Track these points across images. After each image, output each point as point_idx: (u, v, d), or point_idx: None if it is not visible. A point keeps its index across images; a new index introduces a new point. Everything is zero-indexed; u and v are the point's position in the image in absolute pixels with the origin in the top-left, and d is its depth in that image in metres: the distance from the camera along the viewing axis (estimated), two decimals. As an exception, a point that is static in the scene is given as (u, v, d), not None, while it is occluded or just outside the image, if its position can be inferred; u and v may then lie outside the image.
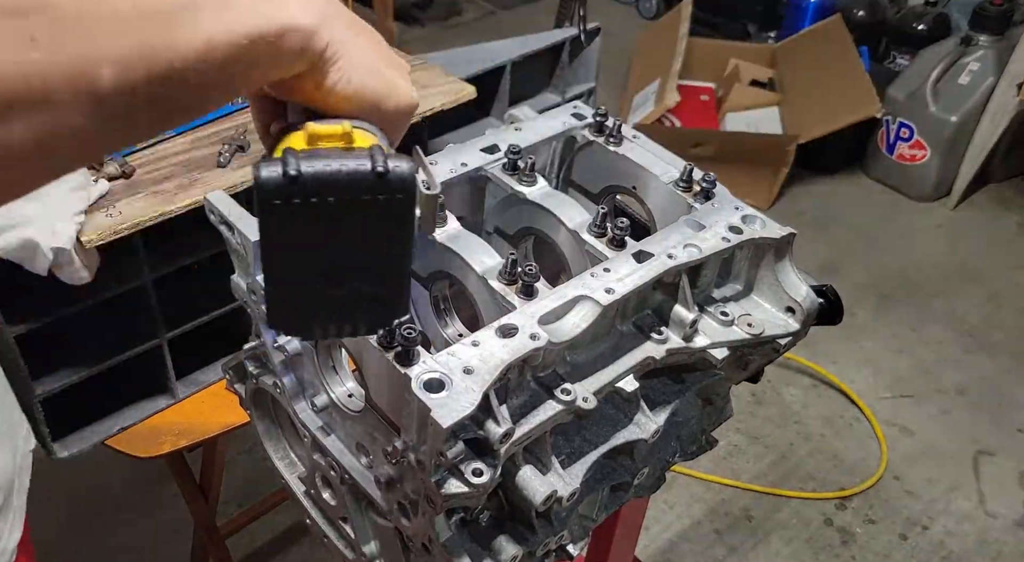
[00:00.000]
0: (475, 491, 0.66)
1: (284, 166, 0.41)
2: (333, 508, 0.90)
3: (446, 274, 0.83)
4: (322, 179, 0.41)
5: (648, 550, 1.99)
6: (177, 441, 1.29)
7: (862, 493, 2.15)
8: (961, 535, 2.06)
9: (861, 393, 2.40)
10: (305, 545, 1.92)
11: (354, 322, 0.50)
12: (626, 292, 0.73)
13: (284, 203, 0.42)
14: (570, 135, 0.94)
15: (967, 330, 2.64)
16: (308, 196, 0.42)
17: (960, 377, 2.48)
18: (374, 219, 0.44)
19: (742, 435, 2.27)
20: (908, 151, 3.12)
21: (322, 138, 0.43)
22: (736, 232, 0.81)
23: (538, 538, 0.76)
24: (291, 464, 0.98)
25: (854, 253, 2.91)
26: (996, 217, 3.15)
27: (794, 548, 2.02)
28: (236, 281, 0.83)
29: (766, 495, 2.13)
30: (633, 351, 0.77)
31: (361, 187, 0.42)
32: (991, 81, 2.93)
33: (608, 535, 1.11)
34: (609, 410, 0.81)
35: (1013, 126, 2.95)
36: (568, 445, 0.78)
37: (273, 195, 0.41)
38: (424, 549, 0.74)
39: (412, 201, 0.44)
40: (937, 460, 2.24)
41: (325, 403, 0.82)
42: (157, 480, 1.89)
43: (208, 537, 1.61)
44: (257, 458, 2.00)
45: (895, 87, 3.10)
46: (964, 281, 2.83)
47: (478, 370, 0.64)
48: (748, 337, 0.82)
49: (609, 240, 0.81)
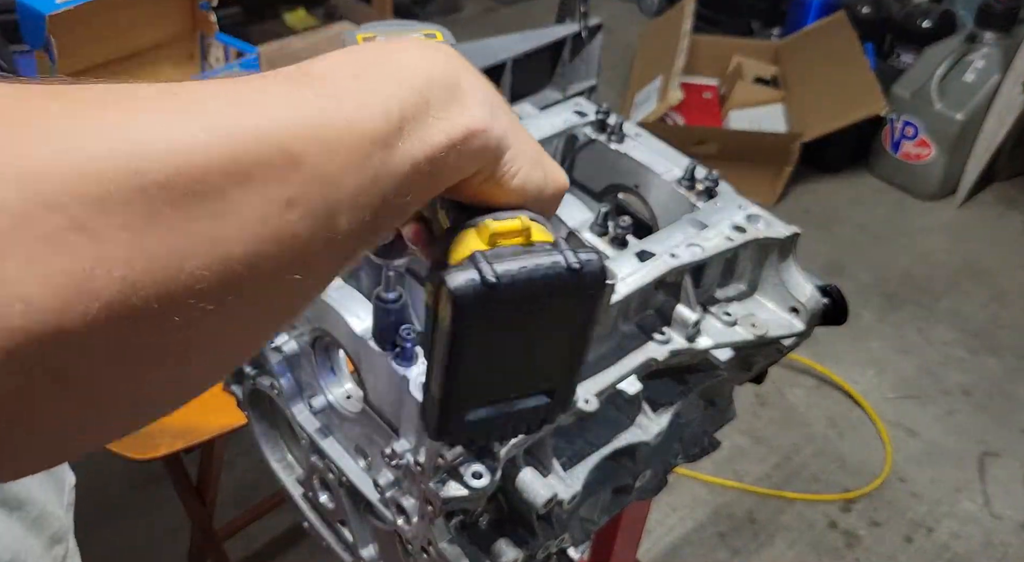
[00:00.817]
0: (475, 494, 0.65)
1: (480, 273, 0.38)
2: (331, 511, 0.89)
3: (445, 273, 0.82)
4: (518, 282, 0.39)
5: (650, 553, 1.98)
6: (174, 443, 1.28)
7: (867, 495, 2.13)
8: (966, 537, 2.05)
9: (866, 394, 2.38)
10: (303, 548, 1.91)
11: (522, 423, 0.47)
12: (628, 292, 0.72)
13: (480, 311, 0.39)
14: (572, 133, 0.92)
15: (973, 330, 2.63)
16: (503, 301, 0.39)
17: (965, 377, 2.47)
18: (561, 316, 0.42)
19: (745, 436, 2.26)
20: (913, 149, 3.11)
21: (502, 235, 0.41)
22: (740, 231, 0.80)
23: (539, 541, 0.75)
24: (289, 466, 0.97)
25: (859, 252, 2.90)
26: (1002, 216, 3.13)
27: (798, 550, 2.01)
28: (232, 281, 0.82)
29: (770, 497, 2.12)
30: (635, 352, 0.76)
31: (554, 285, 0.40)
32: (997, 79, 2.92)
33: (610, 538, 1.11)
34: (611, 412, 0.80)
35: (1019, 124, 2.94)
36: (569, 447, 0.78)
37: (470, 305, 0.39)
38: (423, 552, 0.74)
39: (602, 295, 0.42)
40: (942, 461, 2.23)
41: (323, 405, 0.81)
42: (154, 482, 1.88)
43: (205, 539, 1.60)
44: (255, 460, 1.99)
45: (900, 85, 3.09)
46: (970, 280, 2.82)
47: (477, 371, 0.63)
48: (752, 338, 0.81)
49: (611, 239, 0.80)
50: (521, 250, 0.40)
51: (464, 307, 0.39)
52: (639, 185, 0.90)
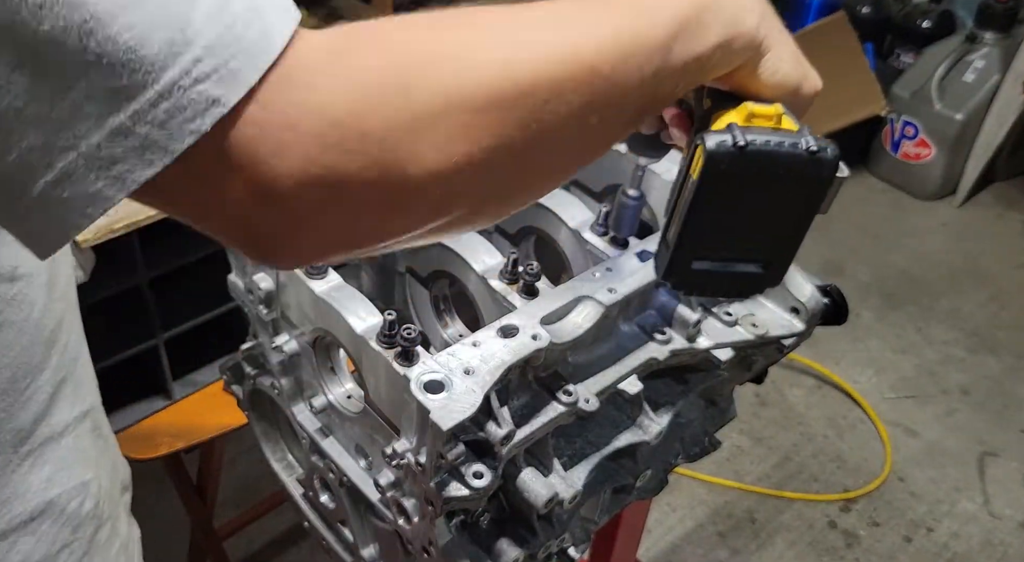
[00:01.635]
0: (476, 493, 0.65)
1: (733, 137, 0.47)
2: (332, 511, 0.89)
3: (446, 273, 0.83)
4: (763, 152, 0.47)
5: (650, 552, 1.98)
6: (174, 443, 1.28)
7: (866, 495, 2.13)
8: (966, 537, 2.05)
9: (865, 394, 2.38)
10: (304, 548, 1.91)
11: (735, 286, 0.55)
12: (629, 292, 0.72)
13: (727, 170, 0.47)
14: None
15: (972, 330, 2.63)
16: (747, 166, 0.47)
17: (965, 377, 2.47)
18: (792, 194, 0.50)
19: (746, 436, 2.26)
20: (913, 149, 3.11)
21: (757, 117, 0.49)
22: (741, 230, 0.80)
23: (539, 541, 0.75)
24: (289, 466, 0.97)
25: (858, 252, 2.90)
26: (1001, 216, 3.13)
27: (798, 550, 2.01)
28: (233, 281, 0.82)
29: (770, 497, 2.12)
30: (636, 352, 0.76)
31: (792, 163, 0.48)
32: (996, 79, 2.92)
33: (610, 538, 1.11)
34: (611, 411, 0.81)
35: (1019, 124, 2.94)
36: (570, 447, 0.78)
37: (720, 162, 0.47)
38: (424, 552, 0.74)
39: (831, 182, 0.50)
40: (942, 461, 2.23)
41: (324, 404, 0.81)
42: (154, 482, 1.88)
43: (205, 539, 1.60)
44: (255, 460, 1.99)
45: (900, 85, 3.09)
46: (969, 280, 2.82)
47: (479, 371, 0.63)
48: (752, 338, 0.81)
49: (612, 239, 0.80)
50: (770, 130, 0.48)
51: (714, 162, 0.47)
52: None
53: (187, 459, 1.54)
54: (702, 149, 0.47)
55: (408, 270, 0.88)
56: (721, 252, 0.53)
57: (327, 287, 0.73)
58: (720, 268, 0.53)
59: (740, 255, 0.53)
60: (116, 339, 1.25)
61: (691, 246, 0.52)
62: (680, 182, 0.50)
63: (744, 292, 0.57)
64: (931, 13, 3.24)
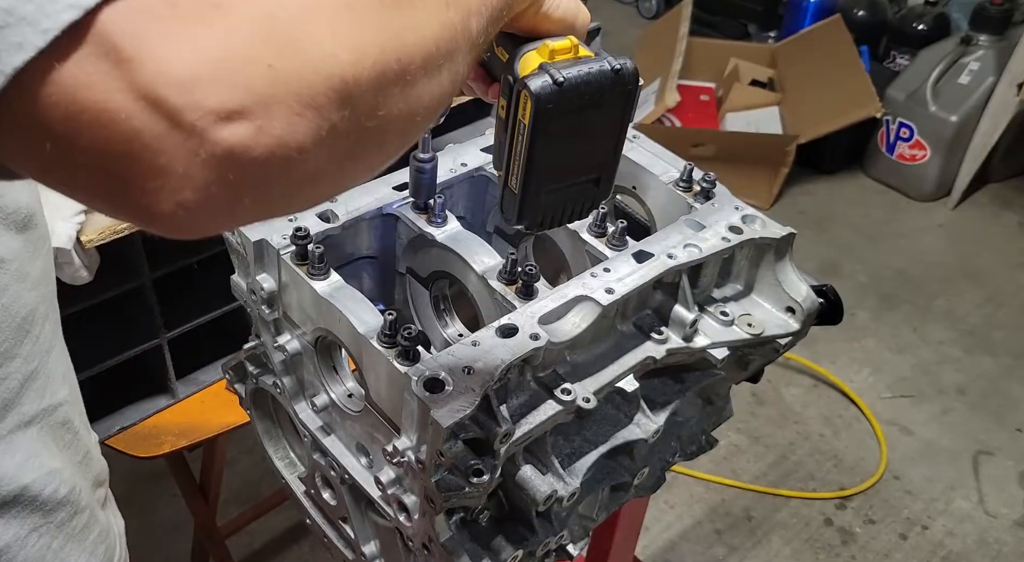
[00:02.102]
0: (475, 491, 0.66)
1: (551, 77, 0.51)
2: (333, 508, 0.90)
3: (446, 274, 0.83)
4: (578, 80, 0.52)
5: (648, 550, 1.99)
6: (177, 441, 1.29)
7: (862, 493, 2.15)
8: (961, 535, 2.06)
9: (861, 393, 2.40)
10: (305, 545, 1.92)
11: (576, 207, 0.60)
12: (626, 292, 0.73)
13: (553, 107, 0.51)
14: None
15: (967, 330, 2.64)
16: (569, 98, 0.51)
17: (960, 377, 2.48)
18: (608, 111, 0.55)
19: (742, 435, 2.27)
20: (908, 151, 3.12)
21: (558, 52, 0.53)
22: (736, 232, 0.81)
23: (538, 538, 0.76)
24: (291, 464, 0.98)
25: (854, 253, 2.91)
26: (996, 216, 3.15)
27: (794, 548, 2.02)
28: (236, 281, 0.83)
29: (766, 495, 2.13)
30: (633, 351, 0.77)
31: (603, 85, 0.53)
32: (991, 81, 2.93)
33: (608, 535, 1.11)
34: (609, 410, 0.81)
35: (1013, 126, 2.95)
36: (568, 445, 0.78)
37: (546, 102, 0.51)
38: (424, 549, 0.74)
39: (637, 90, 0.55)
40: (937, 460, 2.24)
41: (325, 403, 0.82)
42: (157, 480, 1.89)
43: (208, 537, 1.61)
44: (257, 458, 2.00)
45: (895, 87, 3.10)
46: (964, 281, 2.83)
47: (478, 370, 0.64)
48: (748, 337, 0.82)
49: (609, 240, 0.81)
50: (574, 61, 0.53)
51: (541, 102, 0.51)
52: (637, 187, 0.91)
53: (190, 457, 1.55)
54: (527, 94, 0.51)
55: (408, 270, 0.89)
56: (559, 182, 0.58)
57: (328, 287, 0.73)
58: (560, 198, 0.58)
59: (574, 178, 0.58)
60: (120, 339, 1.26)
61: (536, 185, 0.56)
62: (508, 130, 0.54)
63: (584, 211, 0.61)
64: (926, 16, 3.25)
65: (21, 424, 0.63)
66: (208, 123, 0.32)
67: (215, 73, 0.32)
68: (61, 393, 0.68)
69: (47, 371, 0.65)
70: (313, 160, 0.36)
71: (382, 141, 0.41)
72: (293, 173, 0.36)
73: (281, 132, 0.34)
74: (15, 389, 0.61)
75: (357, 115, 0.37)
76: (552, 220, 0.61)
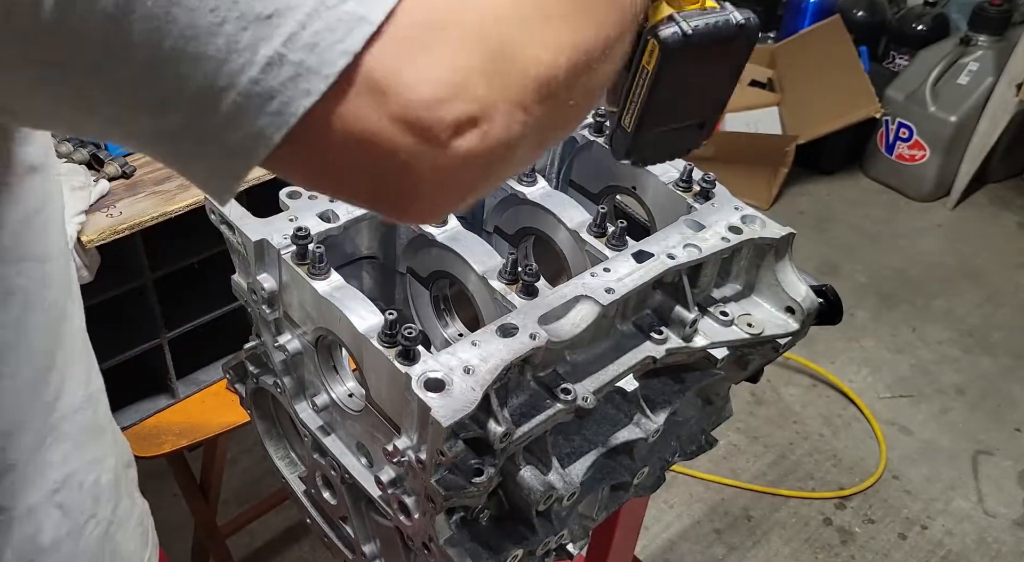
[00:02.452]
0: (475, 490, 0.66)
1: (680, 28, 0.54)
2: (333, 508, 0.90)
3: (446, 274, 0.84)
4: (704, 32, 0.54)
5: (648, 549, 1.99)
6: (178, 441, 1.29)
7: (861, 492, 2.15)
8: (960, 534, 2.07)
9: (860, 393, 2.40)
10: (306, 545, 1.92)
11: (679, 147, 0.64)
12: (626, 292, 0.73)
13: (679, 56, 0.54)
14: (570, 135, 0.94)
15: (966, 330, 2.64)
16: (694, 49, 0.54)
17: (959, 377, 2.49)
18: (727, 61, 0.58)
19: (742, 435, 2.27)
20: (907, 151, 3.12)
21: (686, 2, 0.56)
22: (736, 232, 0.81)
23: (538, 537, 0.76)
24: (291, 464, 0.98)
25: (853, 253, 2.91)
26: (995, 216, 3.15)
27: (793, 547, 2.02)
28: (237, 281, 0.83)
29: (765, 494, 2.13)
30: (633, 351, 0.77)
31: (727, 37, 0.56)
32: (990, 81, 2.94)
33: (608, 534, 1.12)
34: (609, 410, 0.82)
35: (1012, 126, 2.95)
36: (568, 444, 0.79)
37: (674, 50, 0.54)
38: (424, 548, 0.75)
39: (754, 44, 0.58)
40: (936, 459, 2.25)
41: (325, 403, 0.82)
42: (157, 479, 1.89)
43: (208, 536, 1.61)
44: (257, 458, 2.00)
45: (894, 87, 3.10)
46: (963, 281, 2.84)
47: (478, 369, 0.64)
48: (748, 337, 0.82)
49: (608, 240, 0.81)
50: (701, 12, 0.55)
51: (669, 53, 0.54)
52: (636, 187, 0.91)
53: (190, 457, 1.55)
54: (655, 42, 0.54)
55: (408, 270, 0.89)
56: (670, 123, 0.61)
57: (329, 287, 0.73)
58: (666, 138, 0.62)
59: (683, 120, 0.62)
60: (121, 338, 1.26)
61: (649, 127, 0.59)
62: (632, 75, 0.57)
63: (685, 151, 0.65)
64: (925, 16, 3.25)
65: (67, 414, 0.65)
66: (448, 135, 0.39)
67: (449, 91, 0.38)
68: (96, 381, 0.70)
69: (83, 361, 0.68)
70: (522, 149, 0.42)
71: (570, 120, 0.47)
72: (508, 162, 0.42)
73: (500, 134, 0.40)
74: (60, 380, 0.63)
75: (555, 106, 0.42)
76: (655, 157, 0.65)
